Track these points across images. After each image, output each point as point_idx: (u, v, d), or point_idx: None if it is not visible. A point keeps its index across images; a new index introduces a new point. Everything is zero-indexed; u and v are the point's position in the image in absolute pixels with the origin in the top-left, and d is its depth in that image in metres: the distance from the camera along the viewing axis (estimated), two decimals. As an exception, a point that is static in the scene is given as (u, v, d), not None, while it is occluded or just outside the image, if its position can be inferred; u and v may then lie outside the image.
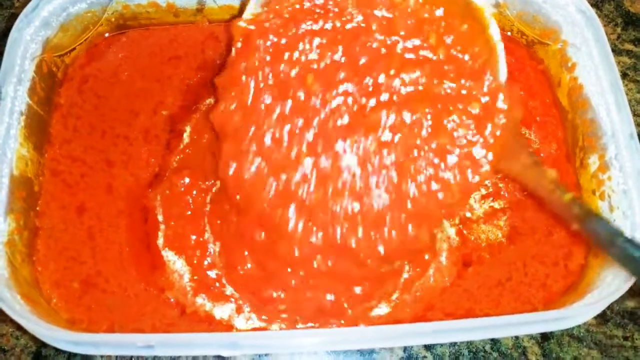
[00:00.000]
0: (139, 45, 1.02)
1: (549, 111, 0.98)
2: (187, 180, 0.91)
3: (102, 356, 0.89)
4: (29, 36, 0.89)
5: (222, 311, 0.85)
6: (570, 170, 0.94)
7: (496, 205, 0.92)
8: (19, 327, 0.89)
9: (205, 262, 0.88)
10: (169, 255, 0.88)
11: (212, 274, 0.87)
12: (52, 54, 0.93)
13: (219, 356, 0.89)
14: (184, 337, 0.75)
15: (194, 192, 0.91)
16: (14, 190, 0.83)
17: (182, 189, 0.91)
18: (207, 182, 0.92)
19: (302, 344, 0.74)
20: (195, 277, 0.87)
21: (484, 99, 0.76)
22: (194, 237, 0.89)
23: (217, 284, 0.87)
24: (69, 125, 0.95)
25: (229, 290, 0.86)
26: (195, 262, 0.88)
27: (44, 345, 0.90)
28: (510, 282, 0.87)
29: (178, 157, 0.94)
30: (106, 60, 1.00)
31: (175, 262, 0.88)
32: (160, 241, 0.89)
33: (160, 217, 0.90)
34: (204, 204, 0.91)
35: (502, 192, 0.93)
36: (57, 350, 0.90)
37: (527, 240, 0.90)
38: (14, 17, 1.11)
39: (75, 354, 0.89)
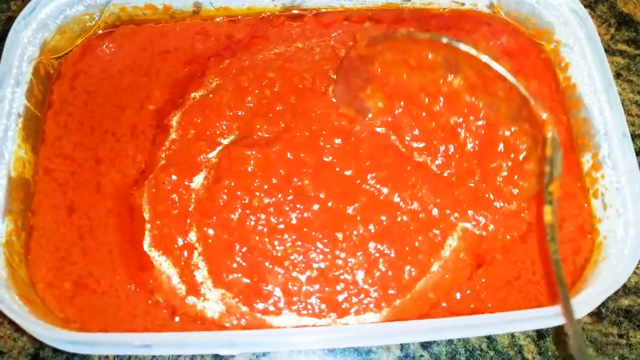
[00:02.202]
0: (130, 40, 1.02)
1: (555, 96, 0.96)
2: (174, 177, 0.90)
3: (99, 357, 0.89)
4: (27, 39, 0.90)
5: (213, 311, 0.84)
6: (573, 159, 0.92)
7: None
8: (17, 329, 0.90)
9: (192, 263, 0.87)
10: (155, 256, 0.87)
11: (200, 275, 0.86)
12: (49, 56, 0.94)
13: (217, 355, 0.90)
14: (181, 336, 0.75)
15: (181, 189, 0.90)
16: (12, 192, 0.83)
17: (169, 187, 0.90)
18: (193, 179, 0.91)
19: (299, 342, 0.74)
20: (184, 278, 0.86)
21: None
22: (180, 237, 0.88)
23: (206, 284, 0.86)
24: (60, 122, 0.95)
25: (219, 290, 0.86)
26: (182, 263, 0.87)
27: (41, 347, 0.90)
28: (518, 282, 0.87)
29: (164, 153, 0.94)
30: (97, 56, 1.00)
31: (162, 264, 0.87)
32: (146, 241, 0.88)
33: (146, 216, 0.90)
34: (189, 203, 0.90)
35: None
36: (54, 351, 0.90)
37: (536, 237, 0.89)
38: (10, 20, 1.11)
39: (73, 356, 0.89)
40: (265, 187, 0.89)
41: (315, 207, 0.89)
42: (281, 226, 0.87)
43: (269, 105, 0.96)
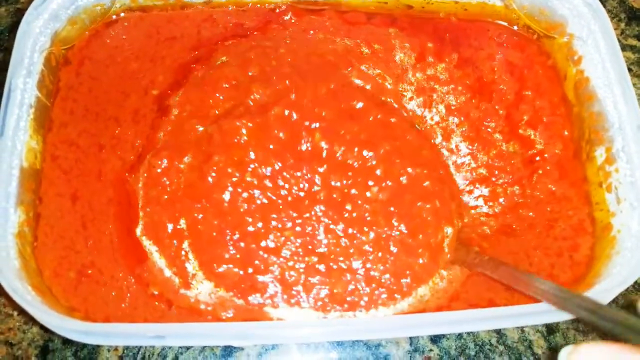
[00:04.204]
0: (136, 27, 1.01)
1: (557, 109, 0.97)
2: (165, 161, 0.88)
3: (108, 349, 0.89)
4: (38, 29, 0.89)
5: (206, 305, 0.83)
6: (577, 167, 0.93)
7: (489, 211, 0.92)
8: (26, 321, 0.90)
9: (183, 254, 0.85)
10: (147, 245, 0.86)
11: (191, 267, 0.85)
12: (60, 47, 0.93)
13: (227, 346, 0.90)
14: (195, 327, 0.75)
15: (172, 173, 0.88)
16: (24, 182, 0.83)
17: (159, 170, 0.88)
18: (184, 159, 0.89)
19: (312, 334, 0.74)
20: (175, 270, 0.84)
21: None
22: (170, 225, 0.86)
23: (198, 277, 0.84)
24: (66, 108, 0.94)
25: (211, 283, 0.84)
26: (172, 253, 0.85)
27: (50, 339, 0.90)
28: None
29: (161, 134, 0.92)
30: (103, 43, 1.00)
31: (154, 254, 0.86)
32: (139, 230, 0.87)
33: (140, 203, 0.88)
34: (180, 187, 0.87)
35: (500, 199, 0.93)
36: (64, 343, 0.90)
37: (526, 234, 0.89)
38: (19, 11, 1.11)
39: (82, 348, 0.89)
40: (262, 157, 0.85)
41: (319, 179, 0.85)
42: (279, 201, 0.84)
43: (273, 72, 0.93)
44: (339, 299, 0.83)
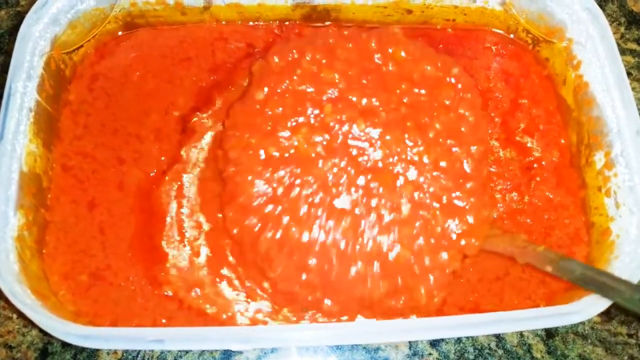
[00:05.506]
0: (148, 45, 1.03)
1: (553, 118, 0.99)
2: (184, 176, 0.92)
3: (108, 353, 0.89)
4: (38, 33, 0.89)
5: (213, 309, 0.85)
6: (574, 175, 0.94)
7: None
8: (25, 324, 0.90)
9: (196, 263, 0.88)
10: (168, 252, 0.88)
11: (201, 273, 0.87)
12: (60, 51, 0.94)
13: (225, 350, 0.90)
14: (194, 331, 0.75)
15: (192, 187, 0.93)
16: (24, 186, 0.83)
17: (178, 183, 0.92)
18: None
19: (311, 337, 0.74)
20: (189, 275, 0.87)
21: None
22: (187, 234, 0.89)
23: (208, 282, 0.87)
24: (79, 121, 0.95)
25: (219, 287, 0.86)
26: (187, 261, 0.87)
27: (50, 342, 0.90)
28: (508, 277, 0.88)
29: (185, 152, 0.95)
30: (116, 60, 1.01)
31: (172, 258, 0.88)
32: (162, 237, 0.89)
33: (166, 213, 0.91)
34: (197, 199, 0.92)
35: (498, 204, 0.93)
36: (63, 346, 0.90)
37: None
38: (19, 15, 1.11)
39: (81, 351, 0.89)
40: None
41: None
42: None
43: None
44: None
